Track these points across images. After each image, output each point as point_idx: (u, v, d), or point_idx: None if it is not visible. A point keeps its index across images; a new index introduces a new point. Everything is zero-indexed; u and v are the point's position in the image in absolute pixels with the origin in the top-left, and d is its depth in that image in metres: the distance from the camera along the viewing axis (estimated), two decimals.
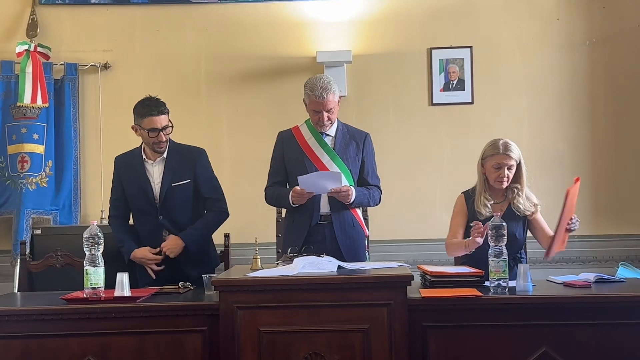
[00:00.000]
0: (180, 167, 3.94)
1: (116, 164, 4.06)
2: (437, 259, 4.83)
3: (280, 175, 4.01)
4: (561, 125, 5.23)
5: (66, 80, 5.21)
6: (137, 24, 5.31)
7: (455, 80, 5.22)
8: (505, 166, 3.70)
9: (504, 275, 3.17)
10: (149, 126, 3.83)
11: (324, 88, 3.80)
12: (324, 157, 3.91)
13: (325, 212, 3.90)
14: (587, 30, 5.25)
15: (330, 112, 3.86)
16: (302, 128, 4.01)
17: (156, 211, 3.91)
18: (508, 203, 3.78)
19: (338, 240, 3.86)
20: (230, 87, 5.27)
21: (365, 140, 4.03)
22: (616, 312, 3.08)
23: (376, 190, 4.03)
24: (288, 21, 5.25)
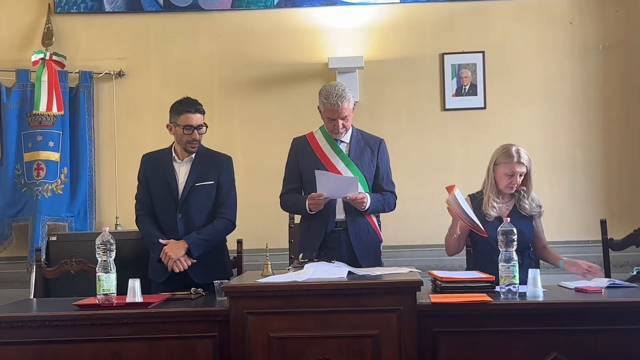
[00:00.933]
0: (205, 169, 3.99)
1: (143, 161, 4.10)
2: (450, 265, 4.82)
3: (295, 182, 4.02)
4: (574, 130, 5.21)
5: (81, 88, 5.27)
6: (151, 32, 5.36)
7: (467, 85, 5.22)
8: (518, 174, 3.80)
9: (515, 280, 3.16)
10: (184, 122, 3.90)
11: (339, 96, 3.81)
12: (338, 164, 3.92)
13: (340, 218, 3.91)
14: (600, 35, 5.23)
15: (345, 119, 3.87)
16: (316, 134, 4.03)
17: (176, 208, 3.95)
18: (514, 203, 3.88)
19: (353, 247, 3.87)
20: (243, 94, 5.30)
21: (380, 147, 4.04)
22: (628, 317, 3.06)
23: (391, 196, 4.04)
24: (300, 28, 5.28)
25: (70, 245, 4.73)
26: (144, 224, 4.02)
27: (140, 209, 4.06)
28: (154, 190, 4.01)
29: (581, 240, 5.06)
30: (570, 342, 3.05)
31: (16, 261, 5.20)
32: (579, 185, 5.18)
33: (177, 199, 3.96)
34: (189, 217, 3.94)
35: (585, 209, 5.16)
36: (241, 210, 4.14)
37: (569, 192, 5.16)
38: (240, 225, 4.15)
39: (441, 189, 5.12)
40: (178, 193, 3.96)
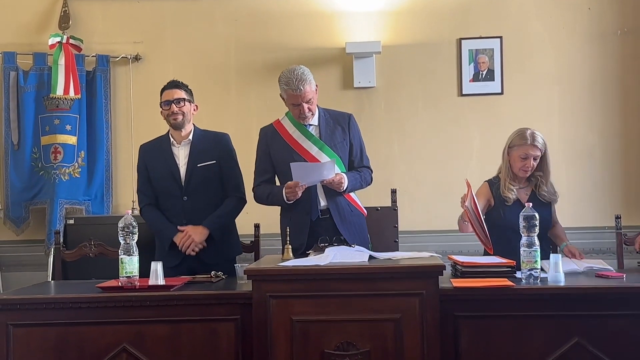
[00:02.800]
0: (205, 149, 4.02)
1: (141, 151, 4.14)
2: (467, 250, 4.82)
3: (268, 173, 3.96)
4: (591, 117, 5.19)
5: (98, 72, 5.28)
6: (167, 16, 5.36)
7: (484, 70, 5.21)
8: (532, 157, 3.81)
9: (536, 265, 3.17)
10: (163, 99, 4.01)
11: (299, 80, 3.74)
12: (312, 149, 3.85)
13: (324, 205, 3.85)
14: (619, 20, 5.20)
15: (310, 102, 3.80)
16: (284, 122, 3.96)
17: (181, 191, 3.97)
18: (531, 188, 3.90)
19: (339, 229, 3.82)
20: (260, 78, 5.29)
21: (350, 122, 3.97)
22: None
23: (367, 171, 4.00)
24: (317, 12, 5.26)
25: (88, 229, 4.79)
26: (150, 213, 4.05)
27: (142, 200, 4.09)
28: (156, 177, 4.03)
29: (598, 227, 5.05)
30: (591, 327, 3.05)
31: (33, 244, 5.23)
32: (596, 172, 5.16)
33: (181, 182, 3.98)
34: (195, 198, 3.97)
35: (602, 196, 5.15)
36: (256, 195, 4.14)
37: (586, 179, 5.14)
38: (256, 210, 4.17)
39: (457, 175, 5.16)
40: (181, 176, 3.99)
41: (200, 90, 4.16)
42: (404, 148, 5.15)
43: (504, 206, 3.82)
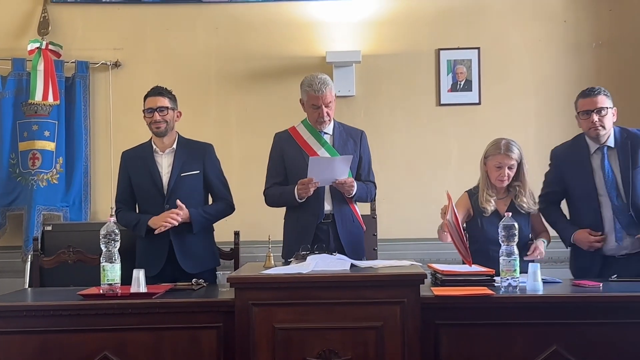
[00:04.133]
0: (189, 159, 4.02)
1: (123, 158, 4.12)
2: (444, 258, 4.87)
3: (280, 176, 4.02)
4: (567, 127, 5.22)
5: (77, 78, 5.26)
6: (148, 23, 5.36)
7: (462, 81, 5.27)
8: (506, 166, 3.80)
9: (515, 274, 3.22)
10: (146, 106, 3.99)
11: (322, 83, 3.86)
12: (324, 155, 3.93)
13: (328, 209, 3.93)
14: (594, 33, 5.30)
15: (329, 107, 3.90)
16: (299, 128, 4.05)
17: (163, 200, 3.96)
18: (510, 199, 3.88)
19: (340, 237, 3.91)
20: (240, 86, 5.32)
21: (361, 138, 4.08)
22: (625, 312, 3.13)
23: (372, 186, 4.10)
24: (298, 21, 5.30)
25: (65, 235, 4.75)
26: (124, 213, 4.04)
27: (120, 208, 4.07)
28: (138, 184, 4.02)
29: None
30: (569, 335, 3.10)
31: (10, 250, 5.19)
32: None
33: (163, 190, 3.97)
34: (176, 207, 3.94)
35: None
36: (237, 202, 4.17)
37: None
38: (236, 217, 4.18)
39: (436, 184, 5.24)
40: (163, 184, 3.98)
41: (180, 98, 4.16)
42: (383, 157, 5.19)
43: (482, 217, 3.85)
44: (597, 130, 3.80)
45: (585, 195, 3.84)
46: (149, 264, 3.87)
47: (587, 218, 3.84)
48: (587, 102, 3.82)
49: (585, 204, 3.85)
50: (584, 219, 3.86)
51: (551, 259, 4.79)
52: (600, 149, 3.84)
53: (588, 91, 3.86)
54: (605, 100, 3.81)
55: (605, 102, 3.81)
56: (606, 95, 3.83)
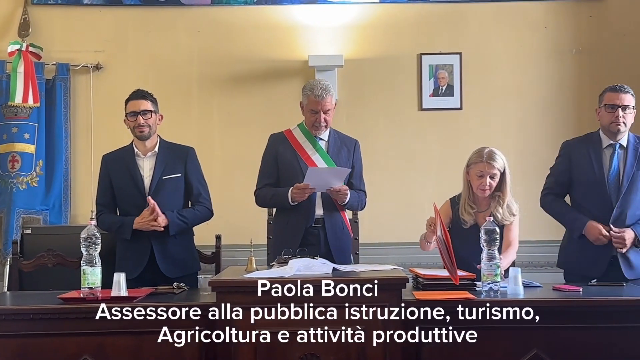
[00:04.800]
0: (171, 162, 4.00)
1: (104, 161, 4.09)
2: (425, 263, 4.87)
3: (272, 177, 4.03)
4: (547, 132, 5.31)
5: (58, 80, 5.23)
6: (129, 26, 5.34)
7: (444, 85, 5.30)
8: (488, 175, 3.74)
9: (496, 279, 3.23)
10: (129, 110, 3.94)
11: (323, 89, 3.88)
12: (318, 160, 3.96)
13: (319, 214, 3.95)
14: (574, 39, 5.35)
15: (327, 113, 3.92)
16: (294, 131, 4.06)
17: (144, 203, 3.92)
18: (491, 212, 3.80)
19: (329, 242, 3.93)
20: (222, 90, 5.31)
21: (355, 147, 4.12)
22: (605, 316, 3.15)
23: (363, 195, 4.12)
24: (280, 25, 5.31)
25: (45, 239, 4.68)
26: (105, 216, 4.00)
27: (101, 211, 4.03)
28: (119, 187, 3.99)
29: (553, 240, 5.14)
30: (549, 340, 3.12)
31: None
32: None
33: (144, 193, 3.94)
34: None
35: None
36: (219, 205, 4.16)
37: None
38: (218, 221, 4.17)
39: (417, 188, 5.27)
40: (145, 188, 3.96)
41: (162, 101, 4.13)
42: (365, 161, 5.13)
43: (461, 229, 3.82)
44: (618, 126, 3.84)
45: (594, 185, 3.87)
46: (129, 267, 3.84)
47: (593, 208, 3.87)
48: (616, 97, 3.86)
49: (592, 194, 3.88)
50: (589, 208, 3.88)
51: (531, 263, 4.82)
52: (612, 145, 3.89)
53: (618, 87, 3.90)
54: (632, 100, 3.87)
55: (632, 101, 3.87)
56: (633, 96, 3.89)
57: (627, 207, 3.82)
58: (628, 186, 3.82)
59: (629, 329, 3.15)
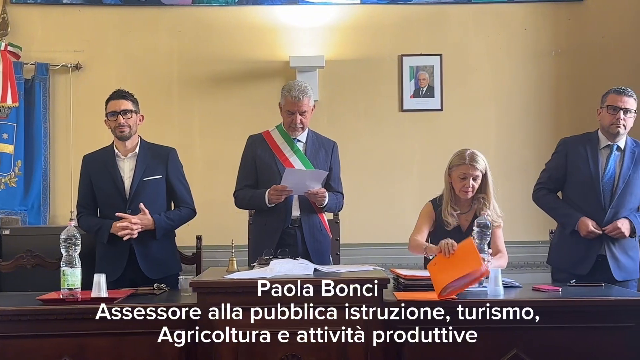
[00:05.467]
0: (151, 163, 3.98)
1: (84, 162, 4.06)
2: (406, 263, 4.90)
3: (251, 178, 4.03)
4: (527, 133, 5.35)
5: (37, 80, 5.20)
6: (109, 25, 5.32)
7: (425, 87, 5.32)
8: (471, 177, 3.73)
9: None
10: (109, 109, 3.91)
11: (301, 90, 3.89)
12: (295, 162, 3.97)
13: (295, 215, 3.96)
14: (553, 42, 5.39)
15: (304, 115, 3.93)
16: (273, 133, 4.07)
17: (125, 204, 3.91)
18: (474, 213, 3.80)
19: (307, 244, 3.94)
20: (203, 90, 5.30)
21: (333, 149, 4.12)
22: (585, 316, 3.17)
23: (341, 197, 4.14)
24: (261, 26, 5.31)
25: (24, 240, 4.68)
26: (86, 217, 3.98)
27: (81, 212, 4.01)
28: (100, 189, 3.97)
29: (532, 241, 5.20)
30: (529, 340, 3.13)
31: None
32: (530, 187, 5.25)
33: (125, 194, 3.93)
34: (138, 212, 3.89)
35: (536, 211, 5.23)
36: (199, 206, 4.14)
37: (521, 194, 5.25)
38: (199, 222, 4.16)
39: (398, 188, 5.29)
40: (125, 189, 3.93)
41: (142, 102, 4.10)
42: (346, 161, 5.15)
43: (443, 230, 3.81)
44: (618, 128, 3.90)
45: (588, 184, 3.92)
46: (109, 268, 3.82)
47: (585, 206, 3.91)
48: (619, 99, 3.91)
49: (585, 192, 3.93)
50: (582, 206, 3.93)
51: (511, 263, 4.82)
52: (609, 145, 3.95)
53: (623, 89, 3.94)
54: (634, 104, 3.92)
55: (634, 105, 3.92)
56: (636, 100, 3.93)
57: (621, 208, 3.88)
58: (623, 188, 3.87)
59: (608, 329, 3.18)
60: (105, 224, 3.88)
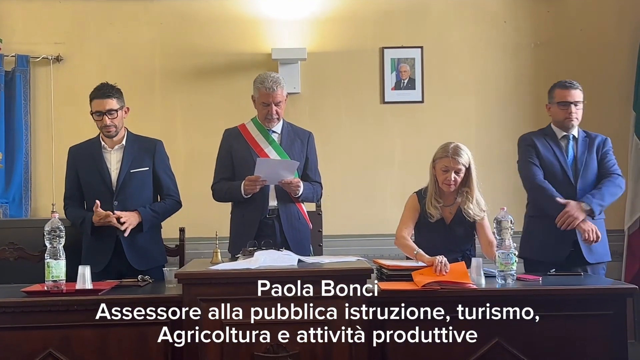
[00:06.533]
0: (138, 155, 3.99)
1: (70, 154, 4.06)
2: (388, 254, 4.91)
3: (228, 172, 4.06)
4: (507, 125, 5.39)
5: (17, 72, 5.16)
6: (90, 17, 5.29)
7: (406, 79, 5.35)
8: (453, 170, 3.76)
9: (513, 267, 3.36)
10: (94, 109, 3.90)
11: (274, 81, 3.92)
12: (271, 153, 4.00)
13: (273, 205, 3.99)
14: (532, 34, 5.43)
15: (279, 105, 3.97)
16: (248, 125, 4.10)
17: (112, 197, 3.91)
18: (457, 206, 3.85)
19: (285, 233, 3.96)
20: (185, 82, 5.29)
21: (309, 139, 4.15)
22: (565, 304, 3.24)
23: (318, 187, 4.17)
24: (243, 18, 5.30)
25: (6, 232, 4.65)
26: (72, 209, 3.99)
27: (68, 204, 4.02)
28: (86, 181, 3.97)
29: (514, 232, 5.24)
30: (511, 328, 3.18)
31: None
32: (510, 178, 5.32)
33: (112, 187, 3.93)
34: (125, 204, 3.92)
35: (516, 201, 5.27)
36: (182, 198, 4.16)
37: (501, 184, 5.32)
38: (182, 214, 4.17)
39: (380, 180, 5.32)
40: (112, 181, 3.94)
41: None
42: (328, 153, 5.22)
43: (427, 222, 3.85)
44: (572, 121, 4.02)
45: (560, 172, 4.01)
46: (95, 259, 3.84)
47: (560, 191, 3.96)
48: (567, 94, 4.02)
49: (558, 180, 4.00)
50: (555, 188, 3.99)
51: None
52: (565, 136, 4.05)
53: (568, 83, 4.04)
54: (581, 95, 4.04)
55: (581, 96, 4.04)
56: (581, 90, 4.04)
57: (587, 188, 3.98)
58: (583, 169, 3.99)
59: (588, 317, 3.24)
60: (87, 217, 3.88)
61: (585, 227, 3.84)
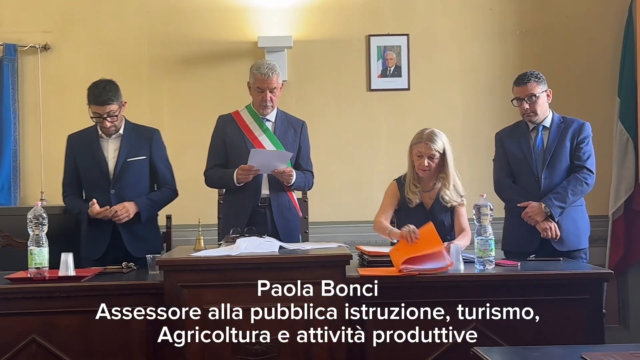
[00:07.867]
0: (136, 144, 4.01)
1: (69, 142, 4.08)
2: (374, 240, 4.96)
3: (220, 158, 4.10)
4: (493, 113, 5.40)
5: (5, 61, 5.17)
6: (78, 6, 5.29)
7: (392, 67, 5.37)
8: (427, 155, 3.79)
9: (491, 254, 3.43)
10: (93, 112, 3.90)
11: (270, 68, 3.96)
12: (264, 141, 4.04)
13: (265, 194, 4.02)
14: (518, 21, 5.45)
15: (274, 92, 3.99)
16: (242, 112, 4.12)
17: (109, 185, 3.94)
18: (437, 192, 3.89)
19: (275, 222, 4.00)
20: (172, 71, 5.31)
21: (302, 128, 4.19)
22: (541, 289, 3.29)
23: (310, 175, 4.21)
24: (230, 6, 5.31)
25: None
26: (72, 199, 4.02)
27: (66, 192, 4.05)
28: (84, 169, 4.00)
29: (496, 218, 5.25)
30: (489, 311, 3.21)
31: None
32: None
33: (109, 175, 3.96)
34: (122, 193, 3.95)
35: None
36: None
37: (488, 171, 5.32)
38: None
39: (366, 167, 5.34)
40: (109, 170, 3.96)
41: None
42: (314, 141, 5.21)
43: (407, 208, 3.89)
44: (529, 117, 4.03)
45: (522, 163, 4.05)
46: (92, 247, 3.91)
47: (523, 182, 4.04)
48: (518, 90, 4.03)
49: (521, 171, 4.06)
50: (522, 184, 4.05)
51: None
52: (536, 127, 4.06)
53: (519, 78, 4.05)
54: (535, 87, 3.99)
55: (534, 89, 3.99)
56: (537, 81, 4.00)
57: (554, 177, 3.99)
58: (550, 159, 3.99)
59: (565, 301, 3.30)
60: (83, 209, 3.91)
61: (544, 226, 3.91)
